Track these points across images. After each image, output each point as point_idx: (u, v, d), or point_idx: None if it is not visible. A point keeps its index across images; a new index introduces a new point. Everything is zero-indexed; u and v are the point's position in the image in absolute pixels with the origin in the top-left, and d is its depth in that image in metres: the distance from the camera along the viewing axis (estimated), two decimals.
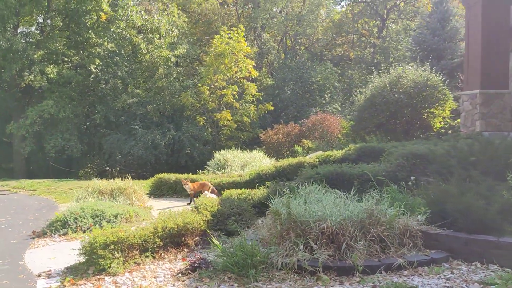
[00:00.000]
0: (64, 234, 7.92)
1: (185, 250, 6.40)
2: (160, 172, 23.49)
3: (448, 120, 14.29)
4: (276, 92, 28.04)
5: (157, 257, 6.13)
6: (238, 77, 23.57)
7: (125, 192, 9.99)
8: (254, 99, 23.97)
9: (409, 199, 6.73)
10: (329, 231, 5.37)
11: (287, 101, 27.96)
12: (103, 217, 8.27)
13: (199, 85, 23.32)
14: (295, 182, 8.59)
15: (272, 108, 24.76)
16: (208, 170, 13.25)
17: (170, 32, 24.20)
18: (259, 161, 12.83)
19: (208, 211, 7.11)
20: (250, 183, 10.74)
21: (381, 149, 11.04)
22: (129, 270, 5.70)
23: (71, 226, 8.02)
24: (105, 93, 24.83)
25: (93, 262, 5.71)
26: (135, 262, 5.86)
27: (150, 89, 25.24)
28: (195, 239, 6.57)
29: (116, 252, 5.75)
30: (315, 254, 5.29)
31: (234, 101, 23.01)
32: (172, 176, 11.97)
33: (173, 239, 6.39)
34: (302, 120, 20.76)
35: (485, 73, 11.26)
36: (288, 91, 28.53)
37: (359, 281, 5.01)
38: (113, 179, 10.54)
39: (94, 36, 23.67)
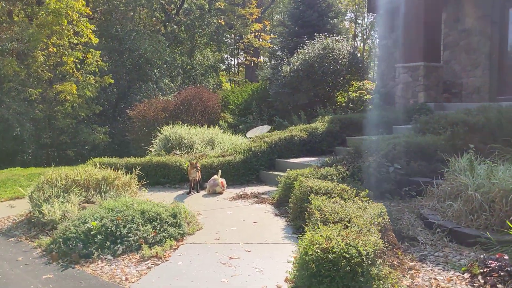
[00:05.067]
0: (124, 252, 5.03)
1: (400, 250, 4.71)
2: None
3: (352, 94, 14.72)
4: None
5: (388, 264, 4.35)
6: (74, 42, 19.47)
7: (114, 184, 7.00)
8: (97, 70, 20.26)
9: None
10: None
11: (117, 74, 24.70)
12: (162, 220, 5.56)
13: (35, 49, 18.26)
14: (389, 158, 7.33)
15: (112, 81, 21.40)
16: (151, 151, 10.38)
17: None
18: (223, 137, 10.67)
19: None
20: (247, 162, 8.98)
21: (357, 120, 10.68)
22: None
23: (128, 239, 5.13)
24: None
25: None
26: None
27: None
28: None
29: (381, 267, 3.85)
30: None
31: (76, 71, 19.00)
32: (122, 161, 8.95)
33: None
34: (173, 95, 18.56)
35: (426, 46, 11.94)
36: (113, 63, 25.20)
37: None
38: None
39: None
